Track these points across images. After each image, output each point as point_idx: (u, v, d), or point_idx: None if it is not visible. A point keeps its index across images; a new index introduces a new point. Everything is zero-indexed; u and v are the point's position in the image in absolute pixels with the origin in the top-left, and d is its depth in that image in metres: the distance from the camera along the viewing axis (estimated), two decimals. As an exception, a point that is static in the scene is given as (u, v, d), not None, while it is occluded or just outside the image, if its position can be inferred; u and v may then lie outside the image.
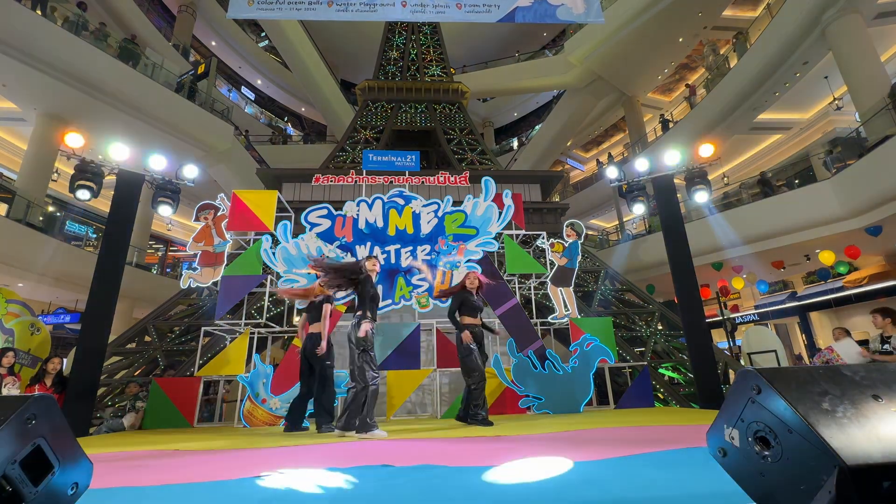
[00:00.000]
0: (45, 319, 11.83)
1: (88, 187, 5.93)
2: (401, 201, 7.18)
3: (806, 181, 12.52)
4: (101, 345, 5.69)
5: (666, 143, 16.94)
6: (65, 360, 7.51)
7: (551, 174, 15.46)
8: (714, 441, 1.24)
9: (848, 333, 5.80)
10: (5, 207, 11.38)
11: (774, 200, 12.08)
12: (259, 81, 28.20)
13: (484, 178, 7.19)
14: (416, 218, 7.08)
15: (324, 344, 4.85)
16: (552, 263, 7.59)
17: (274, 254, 6.73)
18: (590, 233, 21.22)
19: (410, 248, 6.92)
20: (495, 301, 6.90)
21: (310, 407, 5.09)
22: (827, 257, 11.87)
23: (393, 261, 6.84)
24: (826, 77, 13.94)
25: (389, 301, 6.69)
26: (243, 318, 7.08)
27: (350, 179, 9.51)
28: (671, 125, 18.45)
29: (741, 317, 17.49)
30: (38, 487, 1.15)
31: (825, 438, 0.95)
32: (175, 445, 3.77)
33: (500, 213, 7.09)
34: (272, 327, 7.45)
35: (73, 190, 5.90)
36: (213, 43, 25.04)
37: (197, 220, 7.20)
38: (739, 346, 12.09)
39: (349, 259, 6.76)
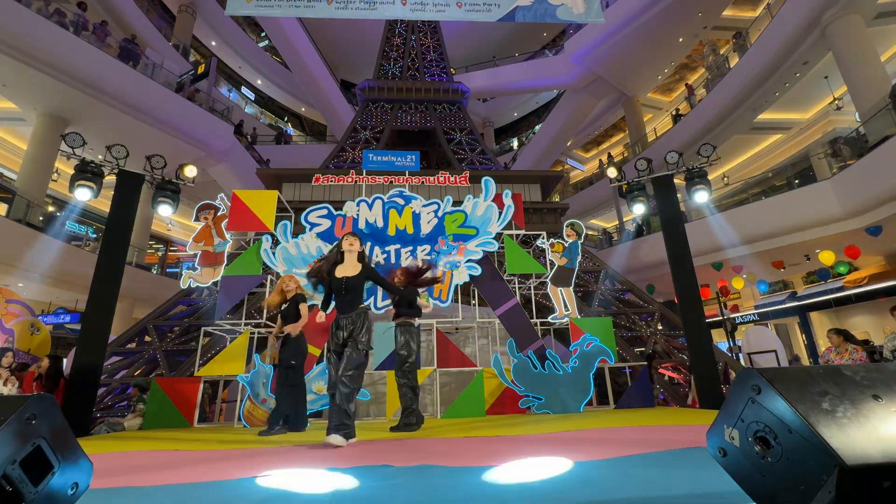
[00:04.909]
0: (45, 319, 11.84)
1: (88, 187, 5.93)
2: (401, 201, 7.18)
3: (806, 181, 12.50)
4: (101, 345, 5.69)
5: (666, 142, 16.96)
6: (65, 360, 7.50)
7: (551, 174, 15.43)
8: (714, 441, 1.24)
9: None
10: (5, 207, 11.38)
11: (774, 200, 12.07)
12: (259, 81, 28.16)
13: (484, 178, 7.19)
14: (416, 218, 7.08)
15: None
16: (552, 263, 7.59)
17: (274, 254, 6.74)
18: (590, 233, 21.19)
19: (410, 248, 6.92)
20: (495, 301, 6.90)
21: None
22: (827, 257, 11.85)
23: (393, 261, 6.84)
24: (826, 77, 13.92)
25: (389, 301, 6.68)
26: (243, 318, 7.07)
27: (350, 179, 9.50)
28: (681, 118, 18.33)
29: (741, 317, 17.46)
30: (38, 487, 1.14)
31: (825, 438, 0.95)
32: (175, 445, 3.77)
33: (500, 213, 7.08)
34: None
35: (73, 190, 5.90)
36: (213, 43, 25.00)
37: (197, 220, 7.20)
38: (739, 346, 12.08)
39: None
